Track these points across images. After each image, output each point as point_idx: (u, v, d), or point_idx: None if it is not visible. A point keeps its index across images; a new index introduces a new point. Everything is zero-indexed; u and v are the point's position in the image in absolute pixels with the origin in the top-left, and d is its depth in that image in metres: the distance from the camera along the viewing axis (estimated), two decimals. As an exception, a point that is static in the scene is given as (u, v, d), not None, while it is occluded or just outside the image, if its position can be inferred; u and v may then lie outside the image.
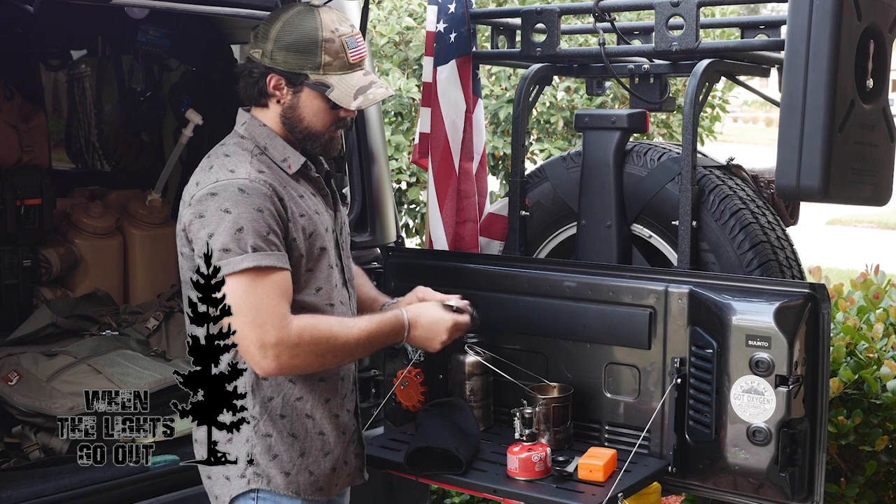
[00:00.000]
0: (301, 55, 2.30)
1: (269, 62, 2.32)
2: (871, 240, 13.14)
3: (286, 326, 2.17)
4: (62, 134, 5.34)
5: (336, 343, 2.26)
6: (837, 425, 3.53)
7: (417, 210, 6.33)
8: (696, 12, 3.08)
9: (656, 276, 2.81)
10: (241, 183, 2.21)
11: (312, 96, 2.34)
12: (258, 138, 2.36)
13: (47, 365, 3.34)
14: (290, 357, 2.18)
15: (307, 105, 2.35)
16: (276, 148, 2.35)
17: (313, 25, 2.31)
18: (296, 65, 2.31)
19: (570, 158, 3.46)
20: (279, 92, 2.34)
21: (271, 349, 2.16)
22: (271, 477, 2.30)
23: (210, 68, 4.62)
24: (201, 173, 2.29)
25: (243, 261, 2.16)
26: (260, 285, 2.17)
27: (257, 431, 2.30)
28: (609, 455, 2.62)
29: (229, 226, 2.17)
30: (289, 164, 2.35)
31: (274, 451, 2.31)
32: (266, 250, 2.18)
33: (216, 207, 2.19)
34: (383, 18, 6.52)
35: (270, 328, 2.16)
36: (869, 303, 4.10)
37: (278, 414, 2.31)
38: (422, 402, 3.03)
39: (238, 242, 2.16)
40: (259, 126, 2.37)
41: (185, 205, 2.26)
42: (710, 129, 7.24)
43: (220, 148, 2.35)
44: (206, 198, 2.21)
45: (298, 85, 2.33)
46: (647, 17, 6.00)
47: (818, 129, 2.52)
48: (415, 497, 3.54)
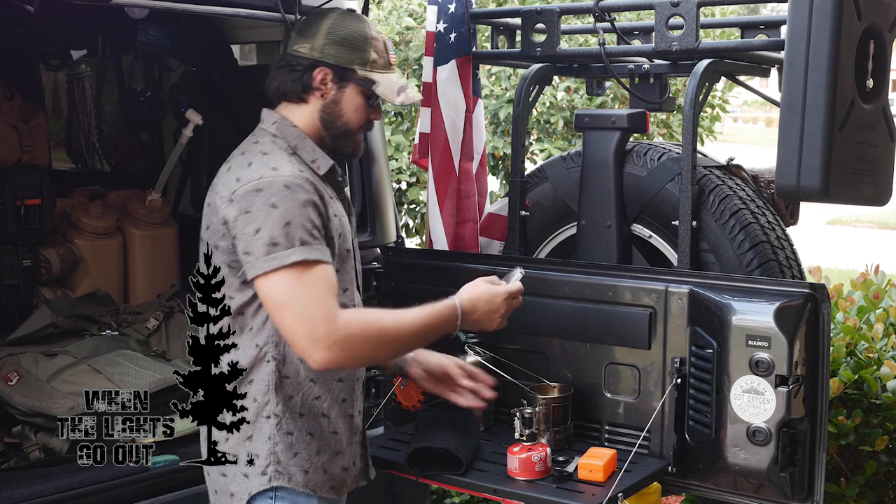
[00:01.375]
0: (352, 50, 2.38)
1: (318, 55, 2.37)
2: (871, 240, 13.14)
3: (334, 319, 2.17)
4: (62, 134, 5.34)
5: (388, 334, 2.25)
6: (837, 425, 3.53)
7: (417, 210, 6.32)
8: (696, 12, 3.08)
9: (656, 276, 2.81)
10: (286, 180, 2.23)
11: (356, 92, 2.40)
12: (289, 139, 2.38)
13: (47, 365, 3.33)
14: (341, 349, 2.17)
15: (349, 101, 2.41)
16: (306, 149, 2.39)
17: (362, 24, 2.42)
18: (346, 59, 2.38)
19: (570, 158, 3.46)
20: (324, 86, 2.39)
21: (321, 342, 2.15)
22: (292, 474, 2.30)
23: (210, 68, 4.62)
24: (240, 169, 2.29)
25: (292, 254, 2.16)
26: (307, 279, 2.17)
27: (280, 429, 2.30)
28: (609, 455, 2.63)
29: (277, 220, 2.18)
30: (318, 165, 2.38)
31: (295, 448, 2.31)
32: (312, 244, 2.20)
33: (263, 203, 2.20)
34: (383, 18, 6.52)
35: (319, 321, 2.15)
36: (869, 303, 4.10)
37: (297, 412, 2.32)
38: (422, 402, 3.03)
39: (286, 236, 2.17)
40: (290, 126, 2.40)
41: (225, 200, 2.26)
42: (710, 129, 7.25)
43: (255, 146, 2.36)
44: (251, 194, 2.22)
45: (345, 80, 2.39)
46: (647, 17, 6.00)
47: (818, 129, 2.52)
48: (415, 497, 3.54)
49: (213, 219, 2.29)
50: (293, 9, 3.01)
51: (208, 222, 2.30)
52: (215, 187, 2.31)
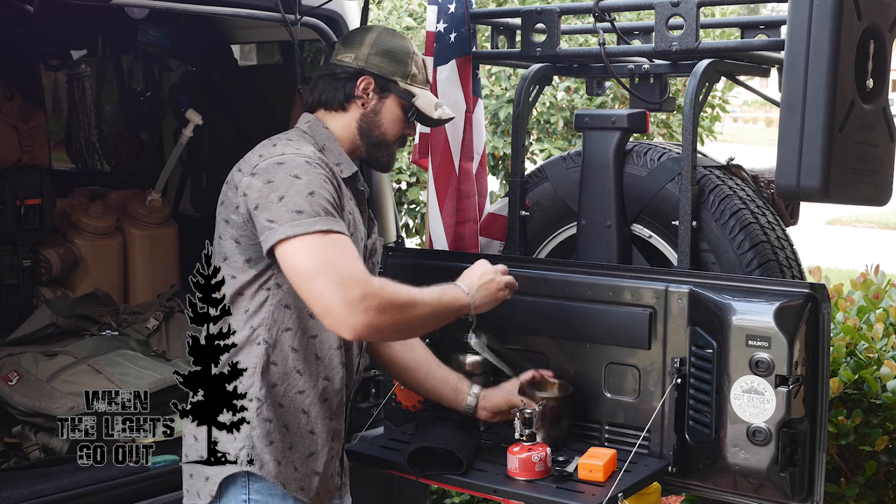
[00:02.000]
0: (395, 63, 2.47)
1: (363, 64, 2.46)
2: (871, 240, 13.14)
3: (369, 281, 2.14)
4: (62, 134, 5.34)
5: (416, 304, 2.24)
6: (837, 425, 3.53)
7: (417, 210, 6.33)
8: (696, 12, 3.08)
9: (656, 276, 2.81)
10: (307, 157, 2.28)
11: (395, 104, 2.48)
12: (318, 138, 2.44)
13: (47, 365, 3.34)
14: (378, 312, 2.12)
15: (389, 112, 2.49)
16: (333, 151, 2.44)
17: (404, 40, 2.53)
18: (389, 70, 2.47)
19: (570, 158, 3.46)
20: (366, 95, 2.46)
21: (359, 303, 2.10)
22: (265, 462, 2.28)
23: (210, 68, 4.63)
24: (263, 149, 2.33)
25: (317, 222, 2.15)
26: (336, 245, 2.16)
27: (259, 414, 2.28)
28: (609, 455, 2.62)
29: (302, 189, 2.19)
30: (341, 168, 2.42)
31: (271, 437, 2.30)
32: (335, 216, 2.21)
33: (286, 173, 2.22)
34: (383, 18, 6.53)
35: (355, 283, 2.11)
36: (869, 303, 4.10)
37: (278, 402, 2.31)
38: (422, 402, 3.02)
39: (311, 204, 2.17)
40: (322, 128, 2.46)
41: (247, 174, 2.26)
42: (710, 129, 7.25)
43: (282, 135, 2.42)
44: (274, 166, 2.24)
45: (387, 91, 2.47)
46: (647, 17, 6.00)
47: (818, 129, 2.52)
48: (415, 497, 3.55)
49: (229, 193, 2.31)
50: (293, 9, 3.02)
51: (224, 198, 2.32)
52: (238, 166, 2.33)
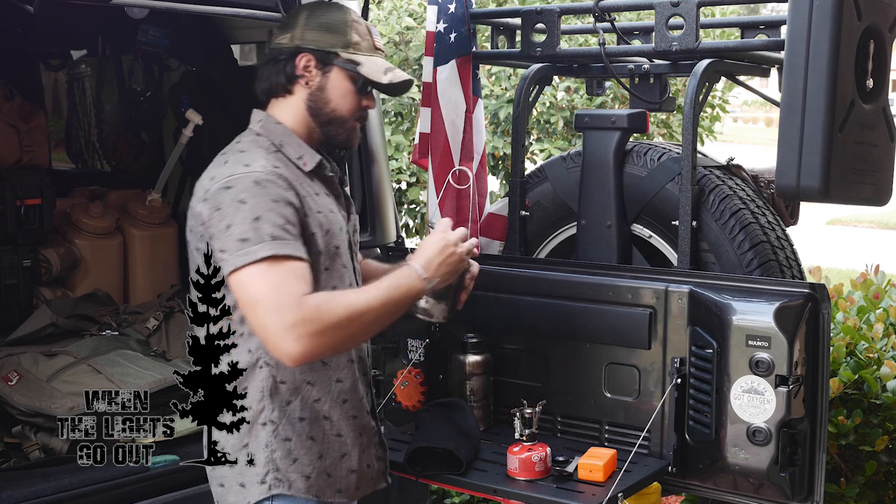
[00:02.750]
0: (332, 34, 2.35)
1: (299, 42, 2.35)
2: (871, 240, 13.14)
3: (303, 304, 2.09)
4: (62, 134, 5.34)
5: (357, 310, 2.15)
6: (837, 425, 3.53)
7: (417, 210, 6.32)
8: (696, 12, 3.08)
9: (656, 276, 2.81)
10: (257, 176, 2.20)
11: (342, 77, 2.36)
12: (273, 136, 2.35)
13: (47, 365, 3.34)
14: (314, 337, 2.08)
15: (336, 86, 2.37)
16: (292, 146, 2.35)
17: (339, 10, 2.40)
18: (328, 43, 2.35)
19: (570, 158, 3.46)
20: (308, 73, 2.35)
21: (293, 331, 2.06)
22: (292, 481, 2.27)
23: (210, 68, 4.62)
24: (216, 168, 2.28)
25: (261, 249, 2.11)
26: (276, 271, 2.11)
27: (277, 436, 2.26)
28: (609, 455, 2.63)
29: (246, 215, 2.15)
30: (304, 161, 2.35)
31: (294, 455, 2.27)
32: (284, 239, 2.15)
33: (231, 199, 2.17)
34: (383, 18, 6.52)
35: (288, 308, 2.07)
36: (869, 303, 4.10)
37: (297, 417, 2.28)
38: (422, 402, 3.03)
39: (256, 231, 2.13)
40: (275, 124, 2.37)
41: (200, 200, 2.24)
42: (710, 129, 7.24)
43: (235, 144, 2.35)
44: (221, 191, 2.20)
45: (329, 64, 2.36)
46: (647, 17, 6.00)
47: (818, 129, 2.52)
48: (415, 497, 3.54)
49: (192, 221, 2.27)
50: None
51: (189, 225, 2.28)
52: (196, 187, 2.29)
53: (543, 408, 2.71)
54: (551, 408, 2.88)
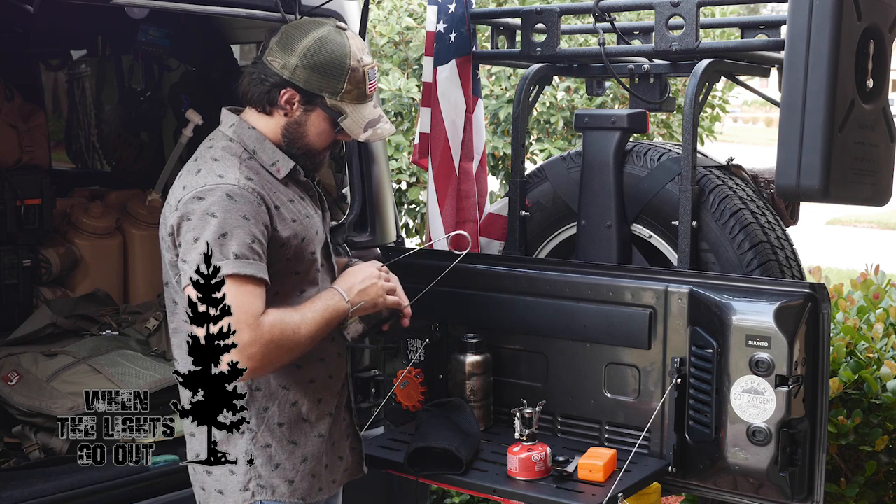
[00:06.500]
0: (325, 78, 2.29)
1: (288, 75, 2.29)
2: (871, 240, 13.13)
3: (259, 326, 2.13)
4: (62, 134, 5.34)
5: (298, 331, 2.20)
6: (837, 425, 3.53)
7: (417, 210, 6.32)
8: (696, 12, 3.08)
9: (656, 276, 2.81)
10: (229, 188, 2.19)
11: (322, 118, 2.33)
12: (247, 142, 2.33)
13: (47, 365, 3.33)
14: (263, 356, 2.14)
15: (314, 125, 2.34)
16: (266, 152, 2.33)
17: (344, 52, 2.30)
18: (317, 86, 2.29)
19: (570, 158, 3.47)
20: (290, 107, 2.31)
21: (246, 349, 2.12)
22: (276, 487, 2.29)
23: (210, 68, 4.62)
24: (188, 177, 2.26)
25: (224, 267, 2.13)
26: (235, 290, 2.13)
27: (256, 443, 2.28)
28: (609, 455, 2.63)
29: (214, 230, 2.14)
30: (278, 168, 2.33)
31: (276, 460, 2.29)
32: (248, 259, 2.15)
33: (202, 211, 2.16)
34: (383, 18, 6.52)
35: (244, 328, 2.12)
36: (869, 303, 4.10)
37: (276, 422, 2.30)
38: (422, 402, 3.03)
39: (221, 248, 2.14)
40: (248, 129, 2.34)
41: (172, 209, 2.23)
42: (710, 129, 7.24)
43: (207, 151, 2.32)
44: (193, 201, 2.18)
45: (312, 104, 2.31)
46: (647, 17, 6.00)
47: (818, 129, 2.52)
48: (415, 497, 3.54)
49: (162, 230, 2.27)
50: (293, 9, 3.01)
51: (161, 233, 2.28)
52: (169, 196, 2.28)
53: (543, 408, 2.72)
54: (551, 408, 2.89)
